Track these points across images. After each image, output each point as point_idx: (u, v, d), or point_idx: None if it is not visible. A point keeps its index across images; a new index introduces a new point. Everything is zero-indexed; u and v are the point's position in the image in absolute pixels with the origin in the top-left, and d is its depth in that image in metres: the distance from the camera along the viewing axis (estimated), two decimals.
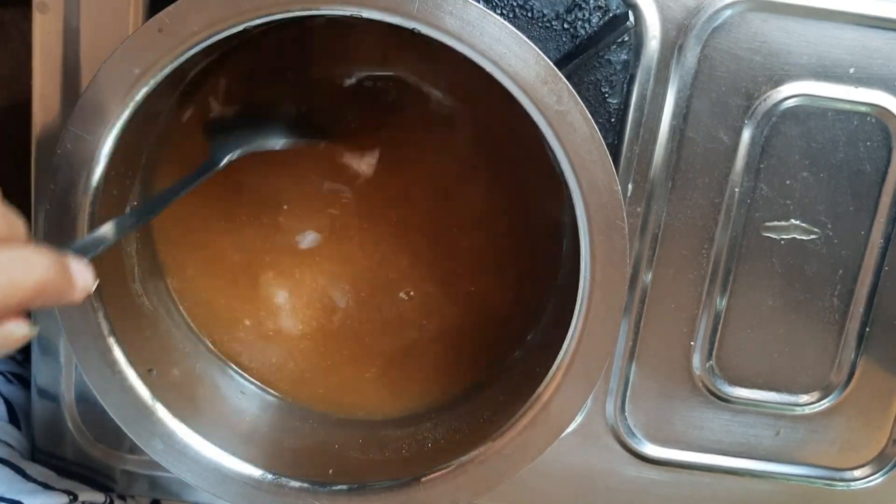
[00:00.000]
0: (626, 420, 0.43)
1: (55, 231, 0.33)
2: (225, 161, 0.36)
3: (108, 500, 0.43)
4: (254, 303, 0.42)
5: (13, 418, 0.44)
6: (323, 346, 0.43)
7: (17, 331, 0.25)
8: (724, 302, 0.41)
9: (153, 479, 0.45)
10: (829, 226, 0.40)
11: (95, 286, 0.28)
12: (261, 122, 0.39)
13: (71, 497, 0.41)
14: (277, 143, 0.38)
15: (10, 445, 0.42)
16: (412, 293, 0.43)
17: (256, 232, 0.42)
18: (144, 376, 0.36)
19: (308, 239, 0.42)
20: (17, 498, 0.39)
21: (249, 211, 0.41)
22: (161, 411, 0.36)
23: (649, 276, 0.41)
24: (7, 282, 0.24)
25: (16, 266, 0.24)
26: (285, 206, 0.41)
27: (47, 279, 0.25)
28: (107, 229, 0.31)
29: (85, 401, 0.42)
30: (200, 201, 0.41)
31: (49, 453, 0.43)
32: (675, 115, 0.38)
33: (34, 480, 0.41)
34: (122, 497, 0.44)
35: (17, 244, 0.25)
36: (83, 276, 0.27)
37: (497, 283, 0.42)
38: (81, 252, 0.29)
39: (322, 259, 0.42)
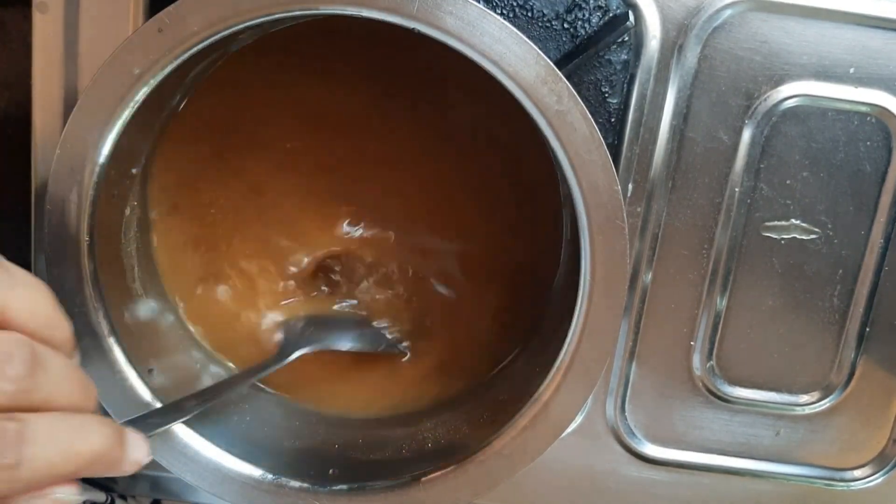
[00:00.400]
0: (626, 420, 0.43)
1: (56, 232, 0.33)
2: (294, 356, 0.39)
3: (110, 500, 0.43)
4: (253, 302, 0.42)
5: None
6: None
7: (65, 498, 0.26)
8: (724, 302, 0.41)
9: (154, 479, 0.45)
10: (829, 226, 0.40)
11: (148, 461, 0.29)
12: (332, 326, 0.41)
13: None
14: (345, 345, 0.40)
15: None
16: (412, 293, 0.43)
17: (256, 232, 0.42)
18: (144, 376, 0.36)
19: (308, 251, 0.42)
20: None
21: (249, 211, 0.41)
22: None
23: (649, 276, 0.41)
24: (66, 449, 0.25)
25: (78, 435, 0.25)
26: (287, 206, 0.42)
27: (104, 450, 0.26)
28: (170, 411, 0.33)
29: None
30: (199, 201, 0.41)
31: None
32: (675, 115, 0.38)
33: None
34: (123, 497, 0.44)
35: (82, 413, 0.26)
36: (138, 451, 0.28)
37: (497, 283, 0.42)
38: (145, 426, 0.30)
39: (321, 260, 0.42)
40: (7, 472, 0.23)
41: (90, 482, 0.43)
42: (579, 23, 0.37)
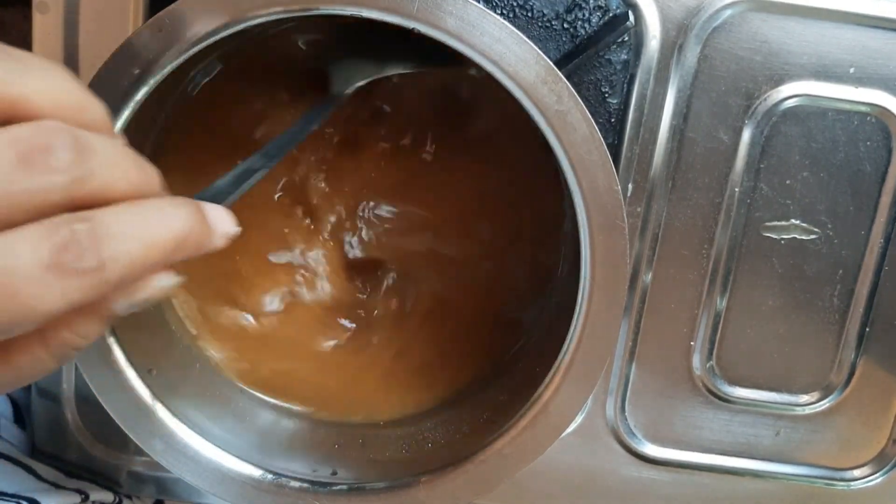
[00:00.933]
0: (626, 420, 0.43)
1: None
2: (351, 90, 0.35)
3: (118, 500, 0.43)
4: (252, 303, 0.42)
5: (18, 418, 0.44)
6: (322, 347, 0.43)
7: (164, 282, 0.24)
8: (724, 302, 0.41)
9: (158, 479, 0.45)
10: (829, 226, 0.40)
11: (237, 232, 0.26)
12: (376, 47, 0.36)
13: (83, 496, 0.41)
14: (400, 69, 0.36)
15: (14, 446, 0.42)
16: (412, 293, 0.43)
17: (256, 232, 0.42)
18: (144, 376, 0.36)
19: (309, 249, 0.42)
20: (32, 496, 0.39)
21: (249, 212, 0.41)
22: (161, 411, 0.36)
23: (649, 276, 0.41)
24: (147, 238, 0.22)
25: (155, 220, 0.23)
26: (289, 208, 0.42)
27: (187, 231, 0.23)
28: (234, 174, 0.29)
29: (85, 400, 0.42)
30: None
31: (49, 454, 0.43)
32: (675, 115, 0.38)
33: (45, 480, 0.41)
34: (129, 497, 0.44)
35: (152, 196, 0.24)
36: (223, 222, 0.26)
37: (496, 283, 0.42)
38: (216, 198, 0.27)
39: (321, 260, 0.42)
40: (93, 277, 0.21)
41: (93, 482, 0.43)
42: (579, 23, 0.37)
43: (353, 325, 0.43)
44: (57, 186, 0.21)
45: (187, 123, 0.39)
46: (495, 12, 0.33)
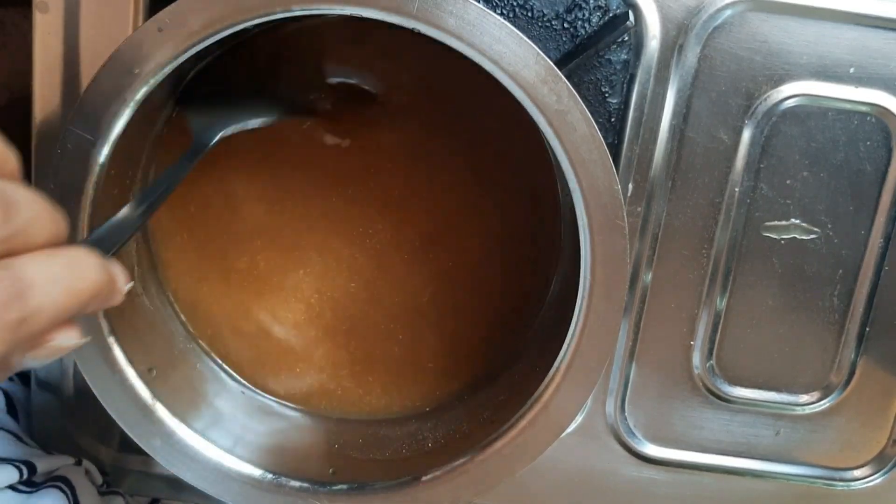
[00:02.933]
0: (626, 420, 0.43)
1: None
2: (214, 141, 0.35)
3: (105, 483, 0.43)
4: (252, 303, 0.42)
5: (11, 409, 0.44)
6: (322, 346, 0.43)
7: (70, 341, 0.23)
8: (724, 302, 0.41)
9: (154, 478, 0.45)
10: (829, 226, 0.40)
11: (131, 286, 0.26)
12: (243, 100, 0.37)
13: (76, 460, 0.41)
14: (263, 120, 0.36)
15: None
16: (412, 293, 0.43)
17: (254, 232, 0.42)
18: (144, 376, 0.36)
19: (306, 247, 0.42)
20: (29, 459, 0.39)
21: (248, 212, 0.42)
22: (161, 411, 0.36)
23: (649, 276, 0.41)
24: (69, 287, 0.22)
25: (75, 270, 0.23)
26: (290, 205, 0.42)
27: (102, 282, 0.23)
28: (110, 225, 0.29)
29: (84, 396, 0.42)
30: (197, 202, 0.41)
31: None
32: (675, 115, 0.38)
33: (38, 449, 0.41)
34: (121, 494, 0.44)
35: (66, 246, 0.23)
36: (121, 278, 0.25)
37: (497, 283, 0.42)
38: (102, 247, 0.27)
39: (321, 262, 0.42)
40: (15, 329, 0.21)
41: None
42: (579, 23, 0.37)
43: (355, 325, 0.43)
44: None
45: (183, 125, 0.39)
46: (495, 12, 0.33)
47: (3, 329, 0.20)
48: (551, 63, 0.31)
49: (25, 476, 0.38)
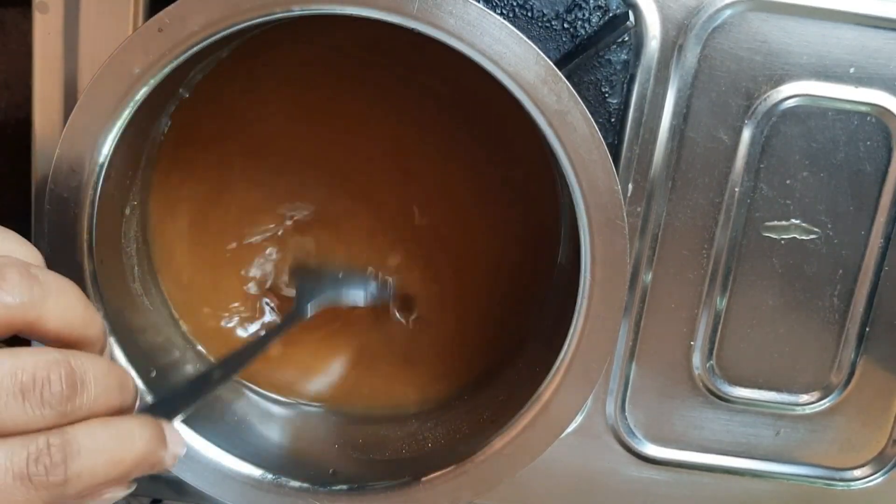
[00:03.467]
0: (626, 420, 0.43)
1: (56, 232, 0.33)
2: (311, 311, 0.38)
3: None
4: (252, 303, 0.42)
5: None
6: (321, 347, 0.43)
7: (118, 493, 0.26)
8: (724, 302, 0.41)
9: (154, 478, 0.45)
10: (829, 226, 0.40)
11: (184, 453, 0.29)
12: (345, 277, 0.41)
13: None
14: (360, 299, 0.40)
15: None
16: (412, 294, 0.43)
17: (253, 233, 0.42)
18: (144, 376, 0.36)
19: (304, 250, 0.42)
20: None
21: (247, 213, 0.42)
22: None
23: (649, 276, 0.41)
24: (112, 458, 0.25)
25: (122, 442, 0.26)
26: (282, 214, 0.42)
27: (148, 453, 0.26)
28: (193, 383, 0.32)
29: None
30: (195, 202, 0.41)
31: None
32: (675, 115, 0.38)
33: None
34: None
35: (122, 417, 0.26)
36: (176, 445, 0.28)
37: (496, 283, 0.42)
38: (174, 405, 0.30)
39: (320, 262, 0.42)
40: (56, 490, 0.24)
41: None
42: (579, 23, 0.37)
43: (353, 324, 0.43)
44: (45, 418, 0.24)
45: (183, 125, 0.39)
46: (495, 12, 0.33)
47: (47, 488, 0.23)
48: (551, 63, 0.31)
49: None
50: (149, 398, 0.34)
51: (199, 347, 0.42)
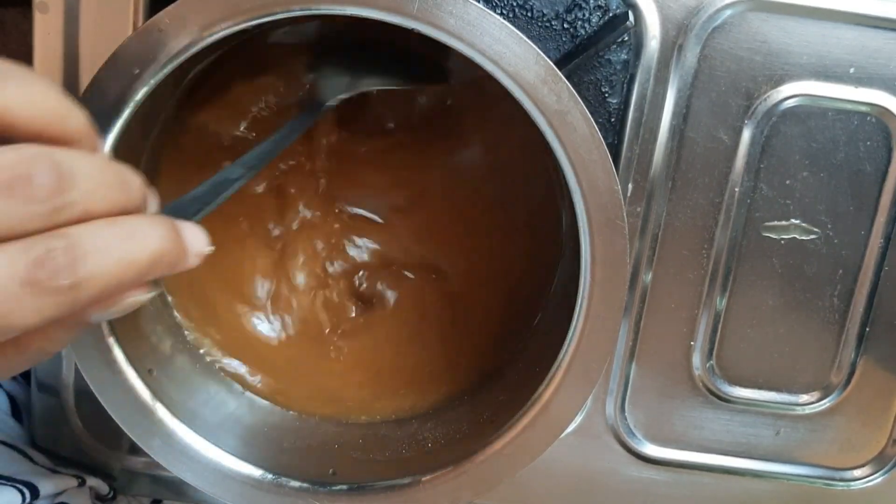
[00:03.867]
0: (626, 420, 0.43)
1: None
2: (334, 102, 0.34)
3: (111, 492, 0.43)
4: (251, 303, 0.42)
5: (16, 412, 0.44)
6: (322, 347, 0.43)
7: (137, 297, 0.24)
8: (724, 302, 0.41)
9: (154, 478, 0.45)
10: (829, 226, 0.40)
11: (211, 250, 0.26)
12: (367, 60, 0.37)
13: (80, 480, 0.41)
14: (384, 82, 0.36)
15: (12, 438, 0.42)
16: (413, 293, 0.43)
17: (254, 233, 0.42)
18: (144, 376, 0.36)
19: (306, 250, 0.42)
20: (29, 480, 0.39)
21: (247, 214, 0.42)
22: (161, 411, 0.36)
23: (649, 276, 0.41)
24: (123, 257, 0.23)
25: (132, 240, 0.23)
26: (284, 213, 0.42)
27: (163, 250, 0.24)
28: (212, 183, 0.29)
29: (85, 396, 0.42)
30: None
31: (48, 450, 0.43)
32: (675, 115, 0.38)
33: (42, 465, 0.41)
34: (123, 493, 0.44)
35: (127, 216, 0.24)
36: (198, 242, 0.26)
37: (496, 283, 0.42)
38: (192, 207, 0.27)
39: (320, 262, 0.42)
40: (68, 295, 0.22)
41: (92, 472, 0.43)
42: (579, 23, 0.37)
43: (353, 325, 0.43)
44: (36, 215, 0.21)
45: (183, 125, 0.39)
46: (495, 12, 0.33)
47: (56, 294, 0.21)
48: (551, 63, 0.31)
49: (28, 500, 0.38)
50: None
51: (201, 347, 0.42)
